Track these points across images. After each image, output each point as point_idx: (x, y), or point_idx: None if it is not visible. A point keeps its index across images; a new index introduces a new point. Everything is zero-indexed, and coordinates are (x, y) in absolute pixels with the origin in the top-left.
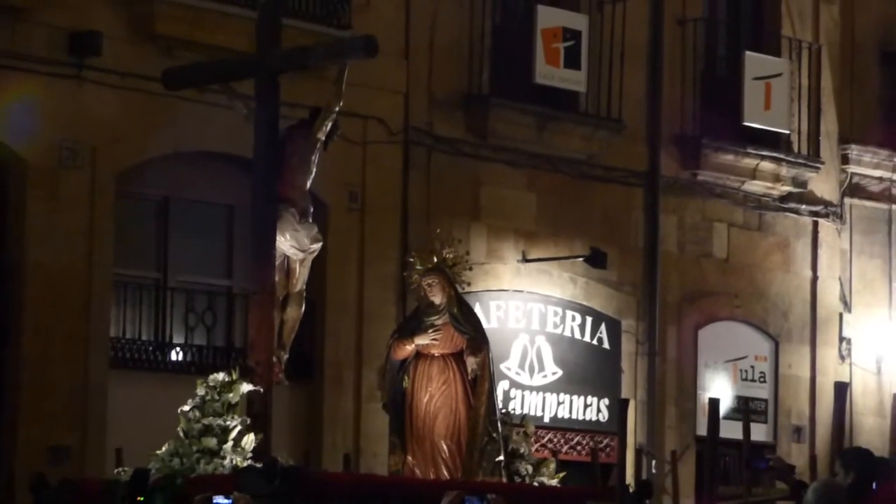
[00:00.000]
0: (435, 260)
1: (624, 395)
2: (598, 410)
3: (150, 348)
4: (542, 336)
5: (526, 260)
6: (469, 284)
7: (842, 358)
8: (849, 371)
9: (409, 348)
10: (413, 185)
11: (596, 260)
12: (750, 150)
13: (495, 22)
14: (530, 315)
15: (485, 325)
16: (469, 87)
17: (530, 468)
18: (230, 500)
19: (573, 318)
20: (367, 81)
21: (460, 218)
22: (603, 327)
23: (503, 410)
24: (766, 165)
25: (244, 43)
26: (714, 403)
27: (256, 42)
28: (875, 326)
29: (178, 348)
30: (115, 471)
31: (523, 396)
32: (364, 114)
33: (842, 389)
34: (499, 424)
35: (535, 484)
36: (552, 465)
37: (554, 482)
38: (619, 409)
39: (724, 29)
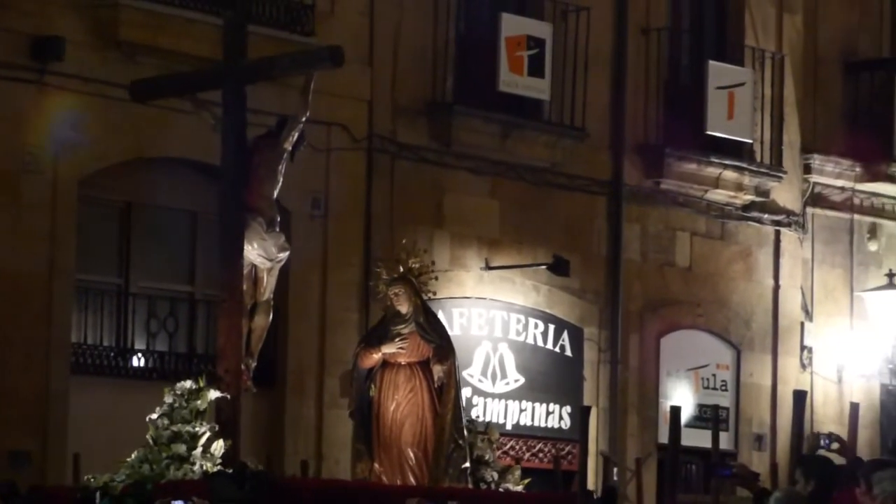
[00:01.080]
0: (401, 269)
1: (586, 402)
2: (561, 418)
3: (112, 354)
4: (504, 343)
5: (489, 267)
6: (435, 294)
7: (803, 367)
8: (810, 380)
9: (376, 357)
10: (376, 192)
11: (559, 268)
12: (713, 160)
13: (459, 30)
14: (493, 322)
15: (448, 332)
16: (433, 94)
17: (496, 475)
18: None
19: (536, 326)
20: (331, 89)
21: (423, 225)
22: (565, 335)
23: (468, 418)
24: (729, 174)
25: (208, 49)
26: (675, 411)
27: (223, 52)
28: (836, 336)
29: (139, 354)
30: (85, 477)
31: (486, 404)
32: (328, 121)
33: (801, 397)
34: (465, 431)
35: (501, 490)
36: (517, 472)
37: (519, 489)
38: (580, 416)
39: (688, 38)
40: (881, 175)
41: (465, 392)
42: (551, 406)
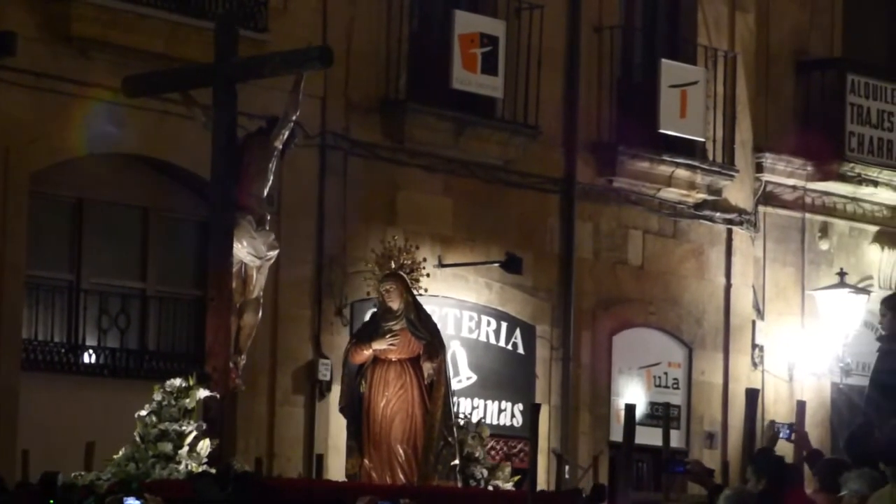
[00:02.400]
0: (392, 266)
1: (538, 400)
2: (513, 415)
3: (63, 350)
4: (457, 341)
5: (442, 265)
6: (426, 291)
7: (754, 365)
8: (761, 378)
9: (367, 353)
10: (329, 189)
11: (511, 265)
12: (665, 158)
13: (413, 27)
14: (445, 320)
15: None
16: (386, 91)
17: (485, 472)
18: (140, 502)
19: (488, 324)
20: (284, 85)
21: (376, 222)
22: (518, 332)
23: (459, 415)
24: (682, 173)
25: (160, 44)
26: (630, 409)
27: (214, 51)
28: (787, 334)
29: (90, 351)
30: (73, 474)
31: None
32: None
33: (753, 396)
34: (454, 429)
35: (490, 488)
36: (507, 469)
37: (508, 486)
38: (530, 414)
39: (641, 37)
40: (832, 174)
41: None
42: (503, 404)
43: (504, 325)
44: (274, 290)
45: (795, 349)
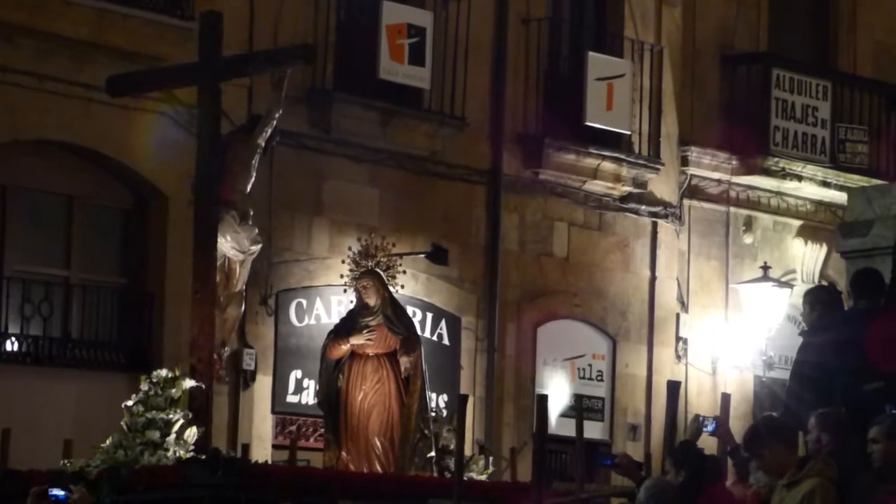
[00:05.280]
0: (369, 264)
1: (463, 391)
2: (438, 406)
3: None
4: None
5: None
6: (402, 287)
7: (678, 358)
8: (685, 371)
9: (345, 348)
10: (255, 178)
11: (437, 256)
12: (591, 150)
13: (340, 17)
14: None
15: (325, 320)
16: (313, 81)
17: None
18: (65, 493)
19: (414, 314)
20: None
21: (302, 212)
22: (443, 323)
23: (434, 409)
24: (607, 165)
25: (85, 31)
26: (542, 400)
27: (199, 49)
28: (711, 327)
29: (13, 338)
30: (61, 462)
31: None
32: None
33: (674, 388)
34: (430, 422)
35: (465, 479)
36: (481, 462)
37: (483, 477)
38: (458, 404)
39: (568, 29)
40: (756, 168)
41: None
42: (428, 394)
43: (430, 315)
44: None
45: (719, 342)
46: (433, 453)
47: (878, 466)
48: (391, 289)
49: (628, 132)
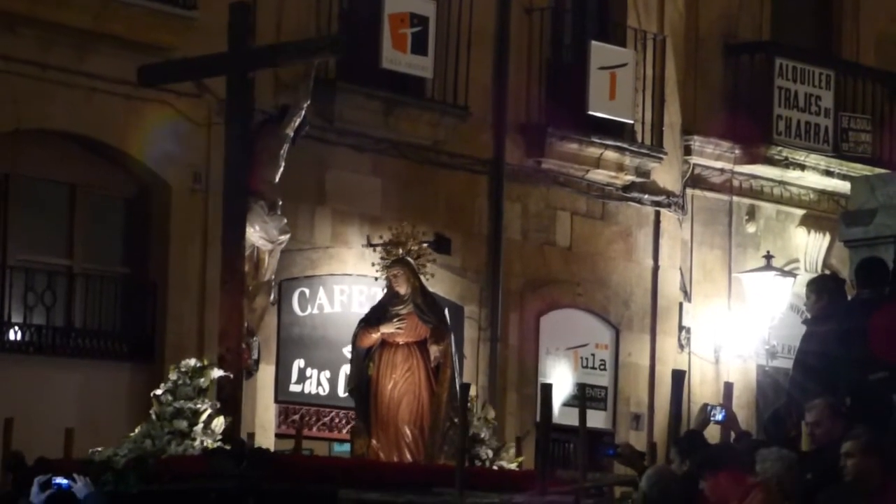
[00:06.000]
0: (400, 252)
1: (466, 380)
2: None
3: None
4: None
5: (371, 245)
6: (433, 276)
7: (681, 347)
8: (687, 360)
9: (375, 336)
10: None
11: (440, 246)
12: (594, 140)
13: (343, 6)
14: (374, 299)
15: (328, 309)
16: (316, 70)
17: (490, 452)
18: (68, 482)
19: None
20: None
21: (305, 202)
22: (446, 313)
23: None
24: (610, 155)
25: (87, 20)
26: (546, 389)
27: (228, 40)
28: (714, 316)
29: (16, 328)
30: (90, 451)
31: None
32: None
33: (679, 377)
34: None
35: (495, 468)
36: (512, 450)
37: (513, 466)
38: (459, 393)
39: (571, 18)
40: (760, 157)
41: (346, 369)
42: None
43: None
44: (202, 268)
45: (722, 331)
46: None
47: (848, 481)
48: (421, 278)
49: (631, 121)
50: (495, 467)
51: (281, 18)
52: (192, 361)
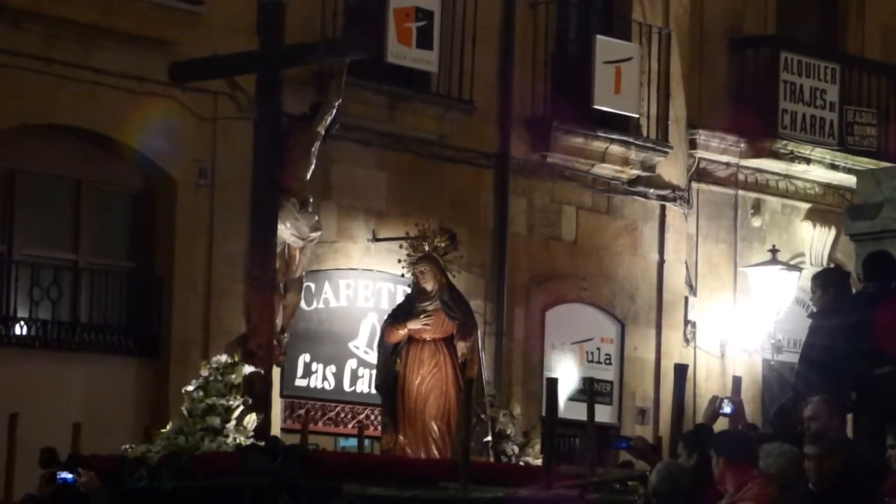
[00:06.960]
0: (426, 248)
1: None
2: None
3: None
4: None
5: (376, 239)
6: (459, 272)
7: (686, 341)
8: (693, 354)
9: (402, 333)
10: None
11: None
12: (599, 134)
13: (348, 1)
14: (379, 294)
15: (333, 303)
16: (320, 64)
17: (516, 448)
18: (73, 476)
19: None
20: None
21: (310, 196)
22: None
23: (491, 394)
24: (615, 149)
25: (93, 15)
26: (552, 383)
27: (258, 38)
28: (719, 311)
29: (22, 322)
30: (122, 447)
31: (371, 375)
32: (214, 89)
33: (681, 371)
34: (487, 406)
35: (521, 464)
36: (537, 446)
37: (539, 462)
38: (465, 388)
39: (576, 12)
40: (765, 151)
41: (351, 363)
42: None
43: None
44: (207, 264)
45: (727, 325)
46: (489, 438)
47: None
48: (448, 274)
49: (636, 115)
50: (521, 463)
51: (286, 13)
52: (223, 357)
